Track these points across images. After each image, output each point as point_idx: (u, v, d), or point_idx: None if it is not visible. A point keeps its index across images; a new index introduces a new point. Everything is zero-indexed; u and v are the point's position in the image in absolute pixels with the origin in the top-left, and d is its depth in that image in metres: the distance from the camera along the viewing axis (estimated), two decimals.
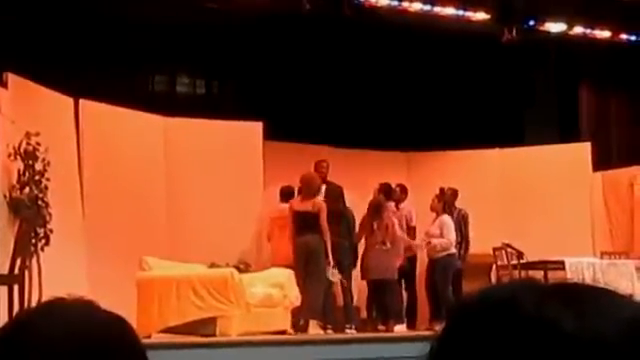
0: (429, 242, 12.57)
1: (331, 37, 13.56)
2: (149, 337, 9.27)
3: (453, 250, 12.52)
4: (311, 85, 14.39)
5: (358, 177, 12.98)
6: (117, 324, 1.25)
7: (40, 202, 9.63)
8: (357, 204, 12.41)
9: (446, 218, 12.62)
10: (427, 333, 10.70)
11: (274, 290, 10.43)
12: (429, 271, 12.68)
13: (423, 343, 0.94)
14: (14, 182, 9.62)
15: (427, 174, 13.85)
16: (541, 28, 14.24)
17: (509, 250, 12.45)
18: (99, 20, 12.54)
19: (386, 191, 12.66)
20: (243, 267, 11.24)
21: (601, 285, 0.94)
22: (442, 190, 12.85)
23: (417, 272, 13.12)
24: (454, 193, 13.00)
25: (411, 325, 12.48)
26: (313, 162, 12.30)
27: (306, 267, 10.85)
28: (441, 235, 12.48)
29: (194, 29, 13.25)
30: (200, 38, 13.59)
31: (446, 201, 12.82)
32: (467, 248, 12.95)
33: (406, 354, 7.81)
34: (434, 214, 12.82)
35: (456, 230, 12.69)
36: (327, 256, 10.96)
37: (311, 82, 14.36)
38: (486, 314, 0.90)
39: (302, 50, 13.99)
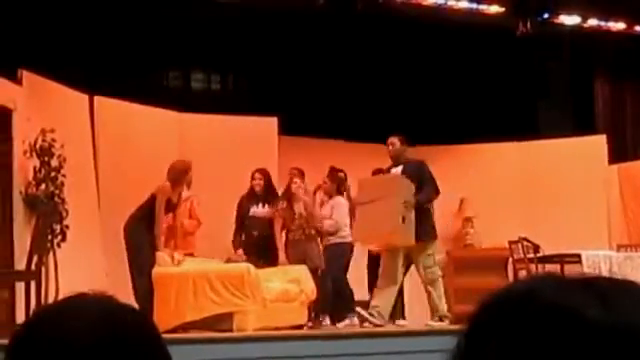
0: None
1: (345, 31, 13.55)
2: (166, 332, 9.30)
3: (344, 233, 11.19)
4: (326, 79, 14.36)
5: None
6: (138, 318, 1.25)
7: (56, 198, 9.67)
8: None
9: (339, 199, 11.49)
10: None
11: (290, 285, 10.43)
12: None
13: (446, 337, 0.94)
14: (30, 179, 9.66)
15: (442, 168, 13.78)
16: (555, 21, 14.20)
17: (525, 243, 12.38)
18: (113, 17, 12.56)
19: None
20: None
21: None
22: (333, 169, 11.59)
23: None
24: (345, 177, 11.67)
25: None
26: (328, 156, 12.20)
27: None
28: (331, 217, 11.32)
29: (208, 25, 13.26)
30: (214, 34, 13.61)
31: (340, 184, 11.59)
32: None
33: (408, 349, 7.82)
34: (326, 197, 11.59)
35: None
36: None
37: (326, 76, 14.34)
38: (509, 306, 0.90)
39: (316, 44, 13.98)
